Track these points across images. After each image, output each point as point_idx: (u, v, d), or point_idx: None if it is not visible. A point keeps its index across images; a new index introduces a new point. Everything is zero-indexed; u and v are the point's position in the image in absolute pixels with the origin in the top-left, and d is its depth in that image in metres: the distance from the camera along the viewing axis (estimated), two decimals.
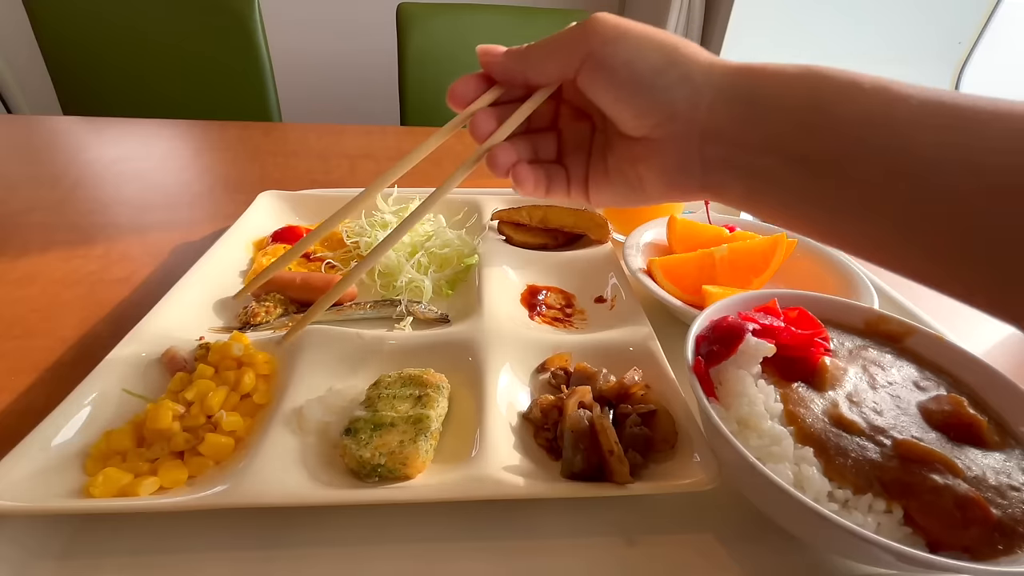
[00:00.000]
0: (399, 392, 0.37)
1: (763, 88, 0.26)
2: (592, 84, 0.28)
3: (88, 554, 0.30)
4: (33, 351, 0.45)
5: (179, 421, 0.35)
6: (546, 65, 0.29)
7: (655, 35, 0.27)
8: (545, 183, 0.32)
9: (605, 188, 0.32)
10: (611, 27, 0.27)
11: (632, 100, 0.27)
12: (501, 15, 1.26)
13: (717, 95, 0.26)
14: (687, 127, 0.27)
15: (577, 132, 0.33)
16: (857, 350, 0.37)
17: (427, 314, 0.49)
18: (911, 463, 0.29)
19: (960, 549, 0.26)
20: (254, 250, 0.58)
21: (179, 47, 1.17)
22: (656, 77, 0.26)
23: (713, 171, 0.28)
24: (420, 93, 1.26)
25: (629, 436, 0.35)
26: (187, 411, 0.36)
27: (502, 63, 0.30)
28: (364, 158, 0.88)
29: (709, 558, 0.32)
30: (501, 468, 0.32)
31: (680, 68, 0.27)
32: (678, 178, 0.29)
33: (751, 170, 0.26)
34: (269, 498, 0.30)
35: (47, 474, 0.31)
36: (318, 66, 2.30)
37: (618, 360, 0.43)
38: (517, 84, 0.30)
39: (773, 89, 0.26)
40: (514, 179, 0.30)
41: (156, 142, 0.92)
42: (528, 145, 0.32)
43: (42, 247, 0.60)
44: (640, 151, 0.29)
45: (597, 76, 0.27)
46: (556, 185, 0.32)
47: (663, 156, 0.28)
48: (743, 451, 0.28)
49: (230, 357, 0.39)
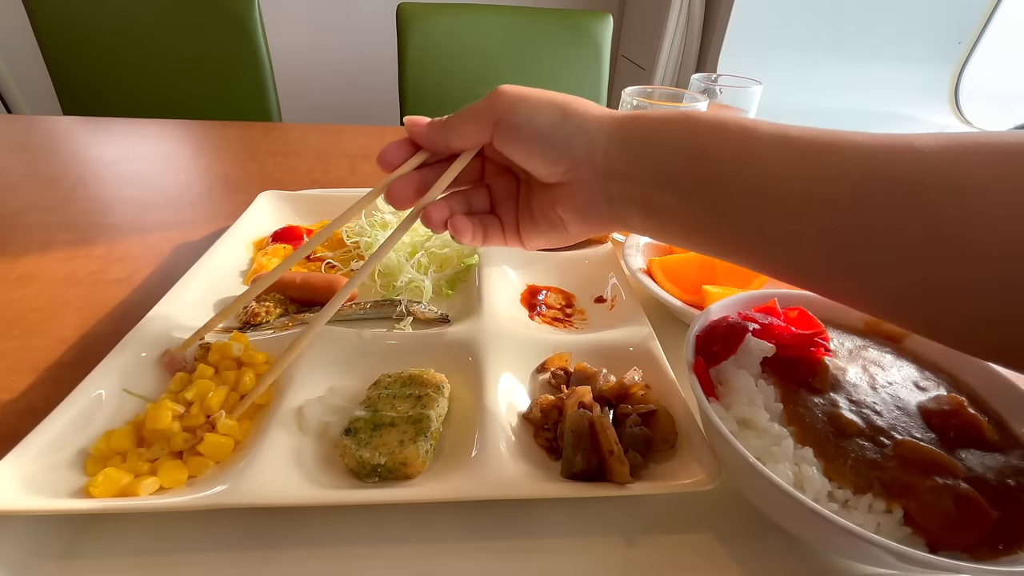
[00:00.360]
0: (399, 392, 0.37)
1: (646, 131, 0.31)
2: (504, 143, 0.32)
3: (88, 554, 0.30)
4: (33, 351, 0.45)
5: (179, 421, 0.35)
6: (464, 132, 0.33)
7: (550, 96, 0.32)
8: (482, 232, 0.36)
9: (533, 231, 0.36)
10: (512, 94, 0.31)
11: (539, 152, 0.32)
12: (501, 15, 1.26)
13: (610, 140, 0.31)
14: (590, 170, 0.31)
15: (504, 185, 0.37)
16: (857, 350, 0.37)
17: (427, 314, 0.49)
18: (911, 463, 0.29)
19: (960, 549, 0.26)
20: (254, 250, 0.58)
21: (179, 47, 1.17)
22: (554, 130, 0.31)
23: (617, 205, 0.32)
24: (420, 93, 1.26)
25: (629, 436, 0.35)
26: (187, 411, 0.35)
27: (427, 132, 0.34)
28: (364, 158, 0.88)
29: (709, 558, 0.32)
30: (501, 468, 0.33)
31: (573, 121, 0.31)
32: (590, 214, 0.33)
33: (647, 203, 0.31)
34: (269, 498, 0.30)
35: (47, 474, 0.31)
36: (318, 66, 2.30)
37: (618, 360, 0.43)
38: (439, 151, 0.35)
39: (655, 131, 0.30)
40: (452, 230, 0.34)
41: (156, 142, 0.92)
42: (462, 200, 0.36)
43: (42, 247, 0.60)
44: (556, 194, 0.33)
45: (507, 136, 0.32)
46: (492, 233, 0.36)
47: (575, 197, 0.33)
48: (743, 451, 0.29)
49: (230, 357, 0.39)
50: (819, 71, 1.76)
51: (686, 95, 0.63)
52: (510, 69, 1.29)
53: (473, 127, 0.33)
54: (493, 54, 1.28)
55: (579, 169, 0.32)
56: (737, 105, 0.70)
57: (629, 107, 0.62)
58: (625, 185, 0.31)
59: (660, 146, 0.30)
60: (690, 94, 0.63)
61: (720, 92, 0.69)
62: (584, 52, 1.29)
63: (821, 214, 0.25)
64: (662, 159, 0.30)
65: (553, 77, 1.30)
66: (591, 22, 1.28)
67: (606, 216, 0.33)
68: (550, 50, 1.29)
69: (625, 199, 0.32)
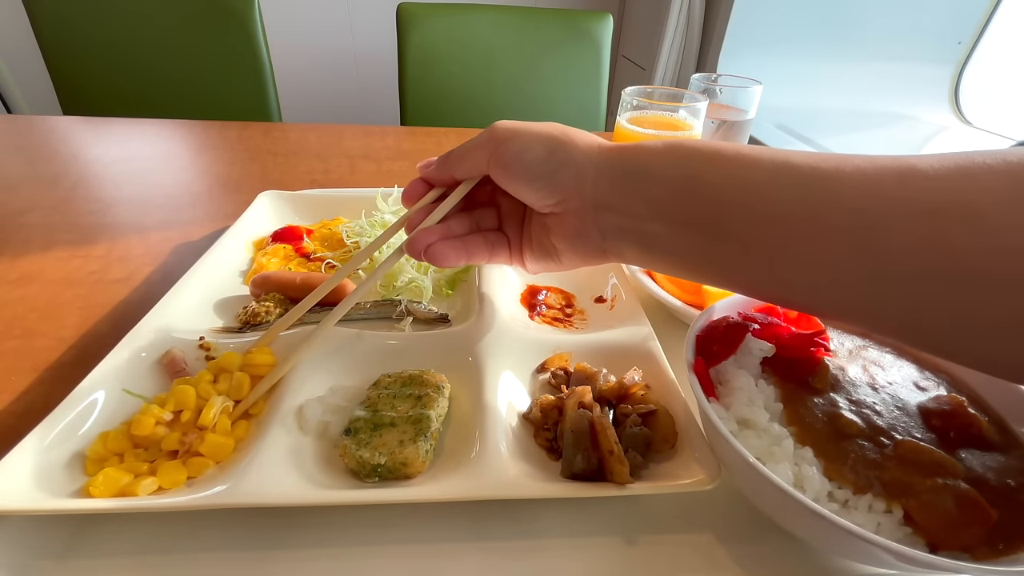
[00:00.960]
0: (399, 392, 0.37)
1: (636, 162, 0.30)
2: (498, 177, 0.33)
3: (88, 554, 0.30)
4: (33, 351, 0.45)
5: (166, 427, 0.35)
6: (464, 165, 0.35)
7: (540, 129, 0.33)
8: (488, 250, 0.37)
9: (530, 255, 0.37)
10: (505, 131, 0.33)
11: (528, 186, 0.32)
12: (501, 15, 1.26)
13: (599, 172, 0.31)
14: (580, 202, 0.32)
15: (510, 206, 0.38)
16: (857, 350, 0.37)
17: (427, 314, 0.49)
18: (911, 463, 0.29)
19: (960, 549, 0.26)
20: (254, 250, 0.58)
21: (179, 47, 1.17)
22: (542, 165, 0.32)
23: (610, 238, 0.32)
24: (420, 93, 1.26)
25: (629, 436, 0.35)
26: (176, 417, 0.35)
27: (434, 171, 0.37)
28: (364, 158, 0.88)
29: (709, 558, 0.32)
30: (501, 468, 0.33)
31: (561, 154, 0.32)
32: (581, 245, 0.34)
33: (641, 235, 0.31)
34: (269, 498, 0.30)
35: (47, 474, 0.31)
36: (318, 66, 2.30)
37: (618, 360, 0.43)
38: (448, 184, 0.37)
39: (645, 162, 0.30)
40: (427, 258, 0.35)
41: (156, 142, 0.92)
42: (469, 220, 0.38)
43: (42, 247, 0.60)
44: (550, 223, 0.34)
45: (499, 170, 0.33)
46: (499, 251, 0.38)
47: (566, 228, 0.33)
48: (743, 451, 0.28)
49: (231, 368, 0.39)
50: (819, 71, 1.76)
51: (686, 95, 0.63)
52: (510, 69, 1.29)
53: (471, 161, 0.34)
54: (493, 54, 1.28)
55: (569, 201, 0.32)
56: (737, 105, 0.70)
57: (629, 107, 0.62)
58: (617, 217, 0.31)
59: (650, 177, 0.30)
60: (690, 94, 0.63)
61: (720, 92, 0.69)
62: (584, 52, 1.29)
63: (832, 239, 0.25)
64: (654, 190, 0.30)
65: (553, 77, 1.30)
66: (591, 22, 1.28)
67: (598, 248, 0.33)
68: (550, 50, 1.29)
69: (618, 232, 0.32)
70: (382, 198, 0.61)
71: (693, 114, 0.61)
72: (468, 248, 0.36)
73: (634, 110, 0.63)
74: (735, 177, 0.27)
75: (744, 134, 0.72)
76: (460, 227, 0.37)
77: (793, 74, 1.76)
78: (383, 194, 0.61)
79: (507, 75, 1.30)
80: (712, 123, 0.70)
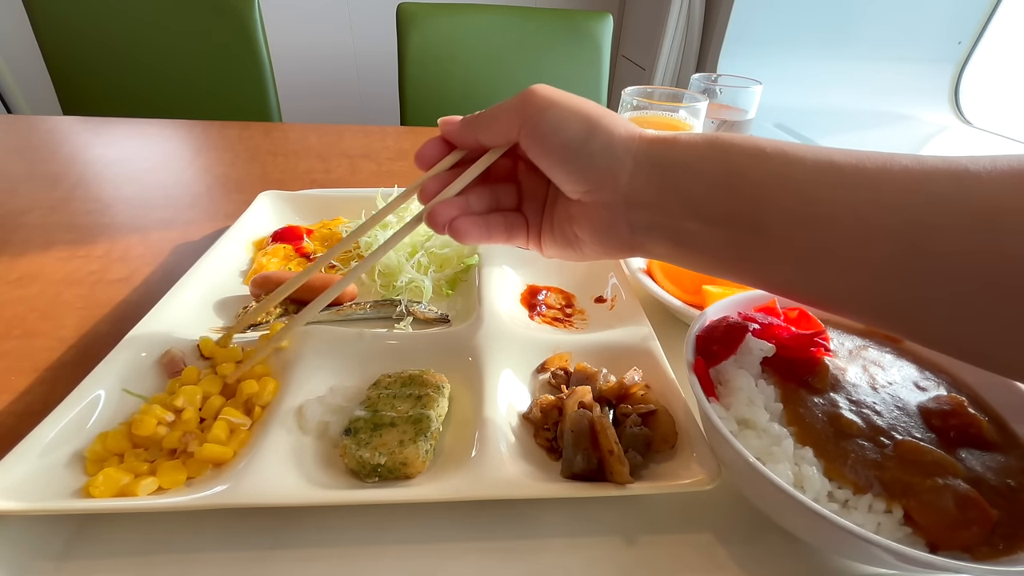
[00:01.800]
0: (399, 392, 0.37)
1: (676, 155, 0.29)
2: (529, 148, 0.31)
3: (88, 554, 0.30)
4: (33, 351, 0.45)
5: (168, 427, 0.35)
6: (492, 129, 0.32)
7: (580, 106, 0.30)
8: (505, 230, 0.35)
9: (550, 241, 0.35)
10: (542, 97, 0.30)
11: (563, 166, 0.30)
12: (501, 15, 1.26)
13: (636, 164, 0.29)
14: (612, 195, 0.30)
15: (533, 184, 0.36)
16: (857, 350, 0.37)
17: (427, 314, 0.49)
18: (911, 463, 0.29)
19: (960, 549, 0.26)
20: (254, 250, 0.58)
21: (179, 47, 1.17)
22: (581, 145, 0.29)
23: (640, 233, 0.31)
24: (420, 93, 1.26)
25: (629, 436, 0.35)
26: (178, 417, 0.35)
27: (457, 129, 0.33)
28: (364, 158, 0.88)
29: (709, 558, 0.32)
30: (501, 468, 0.33)
31: (601, 138, 0.29)
32: (608, 239, 0.32)
33: (675, 232, 0.29)
34: (269, 498, 0.30)
35: (47, 474, 0.31)
36: (318, 66, 2.30)
37: (618, 360, 0.43)
38: (472, 147, 0.34)
39: (685, 156, 0.29)
40: (451, 233, 0.33)
41: (156, 142, 0.92)
42: (489, 195, 0.35)
43: (42, 247, 0.60)
44: (576, 211, 0.32)
45: (533, 142, 0.30)
46: (516, 231, 0.35)
47: (594, 219, 0.31)
48: (743, 451, 0.28)
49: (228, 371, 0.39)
50: (819, 71, 1.76)
51: (686, 95, 0.63)
52: (510, 69, 1.29)
53: (501, 125, 0.32)
54: (493, 54, 1.28)
55: (601, 191, 0.30)
56: (737, 105, 0.70)
57: (629, 107, 0.62)
58: (651, 214, 0.30)
59: (690, 172, 0.28)
60: (690, 94, 0.63)
61: (720, 92, 0.69)
62: (584, 52, 1.29)
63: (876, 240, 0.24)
64: (692, 186, 0.28)
65: (553, 77, 1.30)
66: (591, 22, 1.28)
67: (626, 243, 0.31)
68: (550, 50, 1.29)
69: (650, 228, 0.30)
70: (382, 198, 0.61)
71: (693, 114, 0.61)
72: (489, 227, 0.34)
73: (634, 110, 0.63)
74: (777, 174, 0.26)
75: (744, 134, 0.72)
76: (479, 203, 0.35)
77: (793, 74, 1.76)
78: (383, 194, 0.61)
79: (507, 75, 1.30)
80: (712, 123, 0.70)
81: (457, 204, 0.34)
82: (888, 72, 1.77)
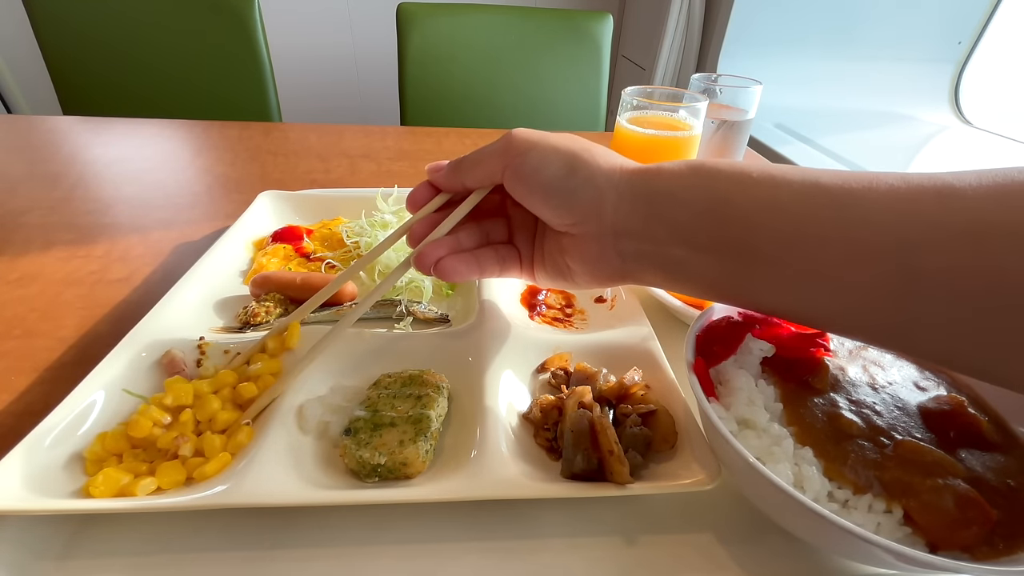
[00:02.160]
0: (399, 392, 0.37)
1: (660, 184, 0.29)
2: (514, 189, 0.32)
3: (88, 554, 0.30)
4: (33, 351, 0.45)
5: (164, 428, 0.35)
6: (476, 173, 0.33)
7: (561, 144, 0.31)
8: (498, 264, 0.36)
9: (542, 272, 0.36)
10: (523, 140, 0.31)
11: (545, 203, 0.31)
12: (501, 15, 1.26)
13: (620, 196, 0.30)
14: (599, 226, 0.31)
15: (522, 218, 0.37)
16: (857, 350, 0.37)
17: (427, 314, 0.49)
18: (911, 463, 0.29)
19: (960, 549, 0.26)
20: (254, 250, 0.58)
21: (179, 47, 1.17)
22: (561, 182, 0.30)
23: (630, 262, 0.31)
24: (420, 93, 1.26)
25: (629, 436, 0.35)
26: (175, 419, 0.35)
27: (444, 175, 0.35)
28: (364, 158, 0.88)
29: (709, 558, 0.32)
30: (501, 468, 0.33)
31: (582, 173, 0.30)
32: (599, 269, 0.32)
33: (664, 260, 0.30)
34: (269, 498, 0.30)
35: (47, 474, 0.31)
36: (318, 66, 2.30)
37: (618, 360, 0.43)
38: (458, 191, 0.35)
39: (669, 185, 0.29)
40: (437, 273, 0.34)
41: (156, 142, 0.92)
42: (478, 232, 0.36)
43: (42, 247, 0.60)
44: (566, 243, 0.33)
45: (516, 182, 0.31)
46: (509, 263, 0.36)
47: (583, 251, 0.32)
48: (743, 451, 0.28)
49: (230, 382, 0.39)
50: (819, 71, 1.76)
51: (686, 95, 0.63)
52: (510, 69, 1.29)
53: (485, 169, 0.33)
54: (493, 54, 1.28)
55: (587, 223, 0.31)
56: (737, 105, 0.70)
57: (629, 107, 0.62)
58: (638, 243, 0.30)
59: (674, 200, 0.29)
60: (690, 94, 0.63)
61: (720, 92, 0.69)
62: (584, 52, 1.29)
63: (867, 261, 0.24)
64: (678, 214, 0.28)
65: (553, 77, 1.30)
66: (591, 22, 1.28)
67: (618, 271, 0.32)
68: (550, 50, 1.29)
69: (639, 257, 0.31)
70: (382, 198, 0.61)
71: (693, 114, 0.61)
72: (480, 262, 0.35)
73: (634, 110, 0.63)
74: (764, 199, 0.26)
75: (744, 134, 0.72)
76: (469, 239, 0.36)
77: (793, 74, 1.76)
78: (383, 194, 0.61)
79: (507, 75, 1.30)
80: (712, 123, 0.70)
81: (446, 243, 0.35)
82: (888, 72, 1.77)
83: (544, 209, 0.32)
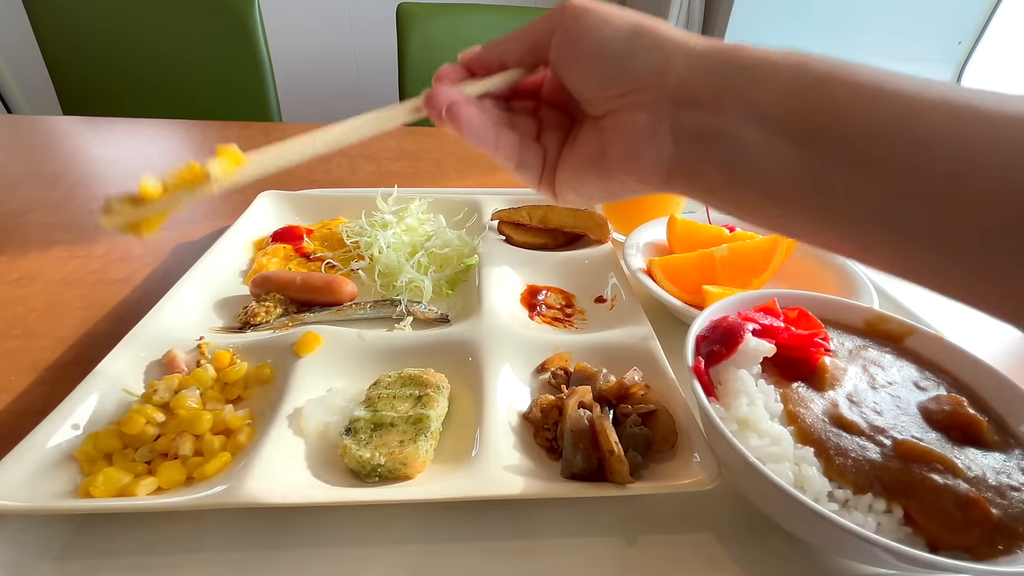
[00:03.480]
0: (399, 392, 0.37)
1: (744, 60, 0.24)
2: (560, 57, 0.28)
3: (87, 554, 0.30)
4: (33, 351, 0.45)
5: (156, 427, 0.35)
6: (518, 43, 0.29)
7: (626, 13, 0.27)
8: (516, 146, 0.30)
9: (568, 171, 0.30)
10: (579, 5, 0.27)
11: (597, 68, 0.26)
12: (501, 15, 1.26)
13: (690, 63, 0.25)
14: (657, 94, 0.25)
15: (556, 117, 0.32)
16: (857, 350, 0.37)
17: (427, 314, 0.49)
18: (911, 463, 0.29)
19: (960, 549, 0.26)
20: (254, 250, 0.58)
21: (179, 47, 1.17)
22: (621, 44, 0.26)
23: (684, 145, 0.25)
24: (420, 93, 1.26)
25: (629, 436, 0.35)
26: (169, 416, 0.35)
27: (479, 53, 0.30)
28: (364, 158, 0.88)
29: (709, 558, 0.32)
30: (501, 468, 0.33)
31: (647, 37, 0.26)
32: (644, 153, 0.26)
33: (728, 145, 0.24)
34: (269, 498, 0.30)
35: (47, 474, 0.31)
36: (318, 66, 2.30)
37: (618, 360, 0.43)
38: (494, 69, 0.31)
39: (755, 61, 0.24)
40: (448, 118, 0.28)
41: (156, 142, 0.92)
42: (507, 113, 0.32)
43: (42, 247, 0.60)
44: (607, 124, 0.28)
45: (564, 49, 0.27)
46: (529, 155, 0.31)
47: (630, 126, 0.26)
48: (743, 451, 0.28)
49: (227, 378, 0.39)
50: None
51: None
52: None
53: (530, 37, 0.28)
54: None
55: (642, 92, 0.26)
56: None
57: None
58: (702, 115, 0.25)
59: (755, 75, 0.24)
60: None
61: None
62: None
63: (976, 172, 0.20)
64: (760, 89, 0.23)
65: None
66: None
67: (665, 162, 0.26)
68: None
69: (698, 138, 0.25)
70: (382, 198, 0.61)
71: None
72: (498, 131, 0.30)
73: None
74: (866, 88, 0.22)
75: None
76: (495, 110, 0.31)
77: None
78: (383, 194, 0.61)
79: None
80: None
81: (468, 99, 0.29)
82: None
83: (592, 77, 0.27)
